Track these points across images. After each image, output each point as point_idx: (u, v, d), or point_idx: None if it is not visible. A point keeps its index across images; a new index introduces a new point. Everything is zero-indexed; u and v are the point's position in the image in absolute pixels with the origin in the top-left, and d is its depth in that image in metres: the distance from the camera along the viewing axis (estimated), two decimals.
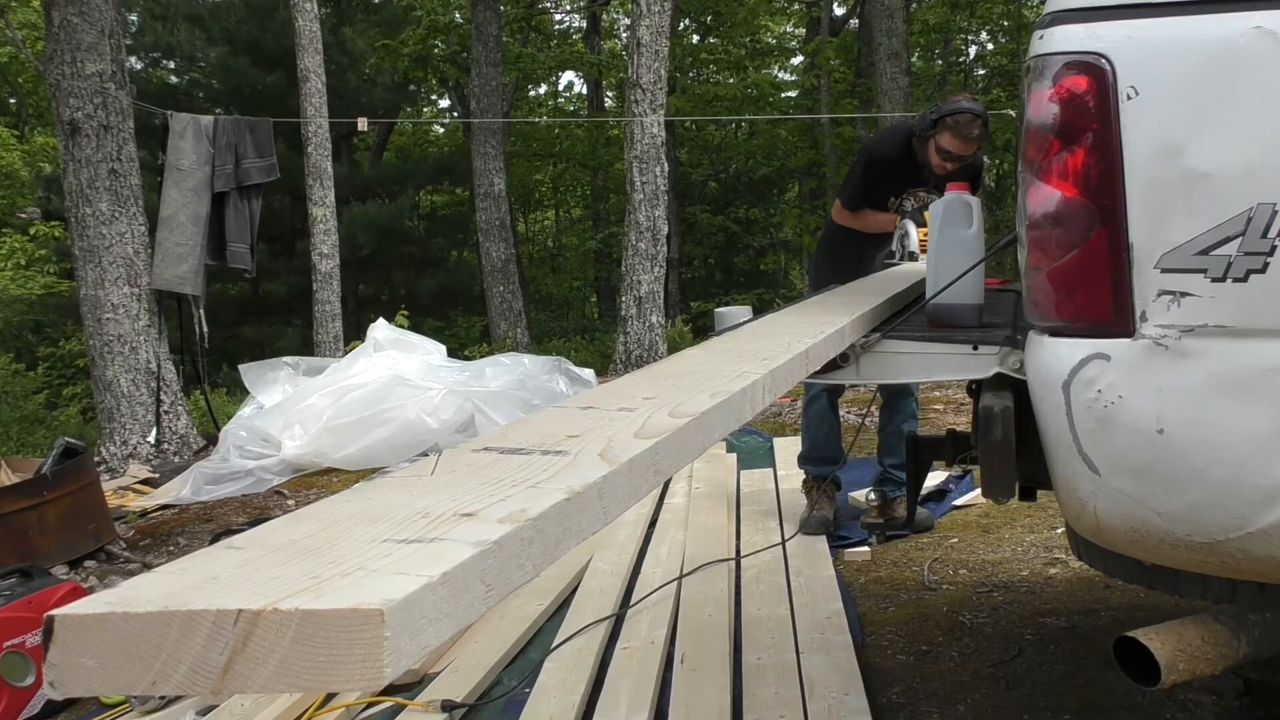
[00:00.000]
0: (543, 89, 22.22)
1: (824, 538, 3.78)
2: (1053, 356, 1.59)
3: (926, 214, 3.63)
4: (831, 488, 3.96)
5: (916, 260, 3.48)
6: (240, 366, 6.86)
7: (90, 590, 3.54)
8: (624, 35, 18.37)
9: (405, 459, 5.37)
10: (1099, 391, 1.53)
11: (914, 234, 3.53)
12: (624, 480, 0.91)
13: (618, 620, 3.11)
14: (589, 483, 0.84)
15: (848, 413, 6.12)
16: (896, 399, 3.88)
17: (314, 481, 5.61)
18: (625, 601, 3.27)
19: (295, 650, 0.58)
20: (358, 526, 0.74)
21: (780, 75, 20.77)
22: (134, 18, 15.73)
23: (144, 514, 5.32)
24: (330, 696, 2.71)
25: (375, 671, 0.58)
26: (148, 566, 4.24)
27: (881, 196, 3.79)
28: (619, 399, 1.21)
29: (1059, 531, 3.70)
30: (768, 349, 1.59)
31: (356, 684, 0.58)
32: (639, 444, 0.97)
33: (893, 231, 3.70)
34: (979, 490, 3.97)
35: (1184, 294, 1.49)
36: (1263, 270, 1.45)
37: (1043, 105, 1.57)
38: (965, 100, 3.64)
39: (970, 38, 17.40)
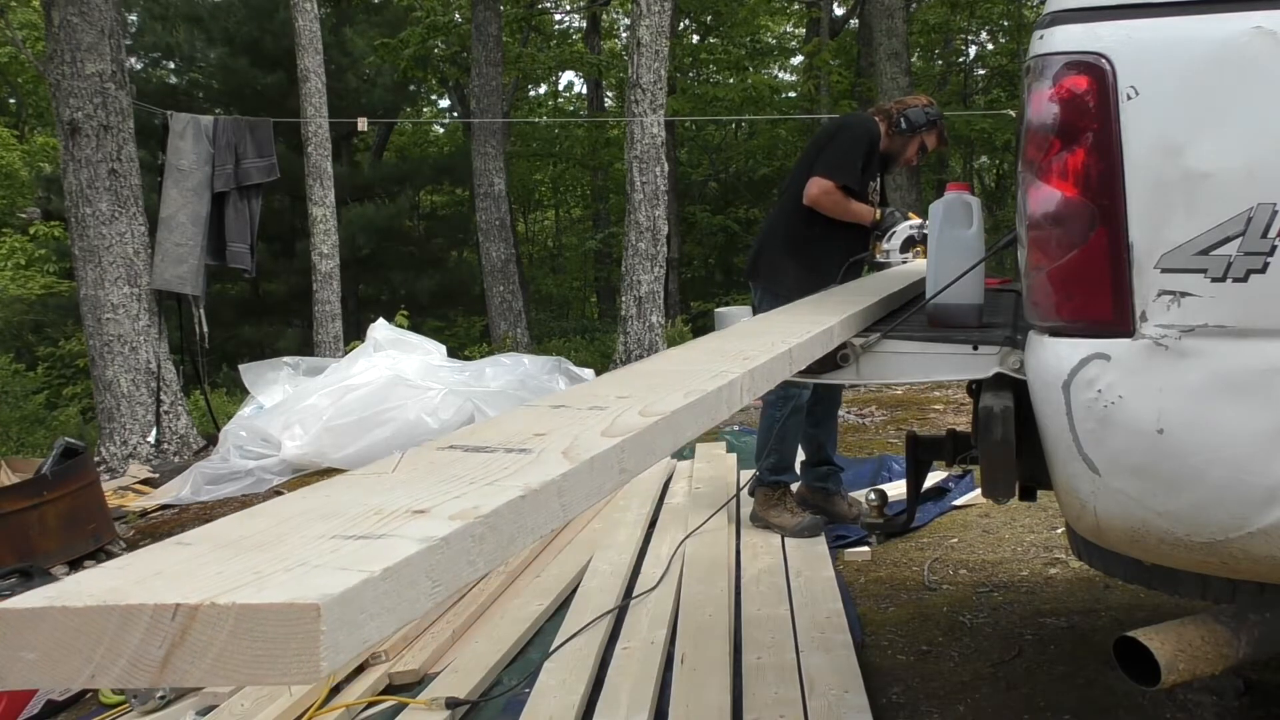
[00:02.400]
0: (543, 89, 22.24)
1: (823, 538, 3.78)
2: (1053, 356, 1.59)
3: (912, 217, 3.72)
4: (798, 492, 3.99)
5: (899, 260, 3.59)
6: (240, 366, 6.87)
7: None
8: (624, 35, 18.37)
9: None
10: (1099, 391, 1.53)
11: (900, 233, 3.65)
12: (585, 478, 0.90)
13: (618, 620, 3.11)
14: (547, 480, 0.84)
15: (847, 413, 6.13)
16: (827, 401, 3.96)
17: (314, 481, 5.60)
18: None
19: (233, 644, 0.58)
20: (309, 523, 0.74)
21: (780, 75, 20.78)
22: (134, 18, 15.74)
23: (144, 514, 5.33)
24: (331, 695, 2.71)
25: (311, 665, 0.58)
26: None
27: (865, 181, 3.77)
28: (592, 398, 1.20)
29: (1059, 531, 3.70)
30: (751, 349, 1.57)
31: (293, 678, 0.58)
32: (604, 442, 0.97)
33: (862, 226, 3.72)
34: (979, 490, 3.97)
35: (1184, 294, 1.49)
36: (1263, 270, 1.45)
37: (1043, 105, 1.57)
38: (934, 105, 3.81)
39: (970, 38, 17.41)
